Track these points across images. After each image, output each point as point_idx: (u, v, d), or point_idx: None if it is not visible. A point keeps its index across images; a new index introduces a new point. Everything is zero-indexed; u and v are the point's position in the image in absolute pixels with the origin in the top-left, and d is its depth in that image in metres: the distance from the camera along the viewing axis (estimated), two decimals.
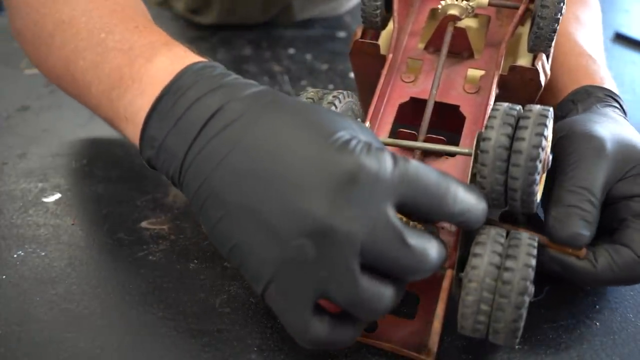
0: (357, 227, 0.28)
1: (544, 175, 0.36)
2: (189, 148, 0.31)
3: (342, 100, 0.38)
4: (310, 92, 0.38)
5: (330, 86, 0.64)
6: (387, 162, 0.29)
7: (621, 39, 0.75)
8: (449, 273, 0.34)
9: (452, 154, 0.39)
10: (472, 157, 0.35)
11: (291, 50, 0.71)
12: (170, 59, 0.34)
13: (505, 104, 0.35)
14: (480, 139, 0.34)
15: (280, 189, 0.28)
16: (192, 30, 0.74)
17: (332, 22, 0.78)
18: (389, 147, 0.40)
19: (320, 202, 0.28)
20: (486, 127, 0.34)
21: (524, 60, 0.42)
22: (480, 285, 0.31)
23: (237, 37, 0.74)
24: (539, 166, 0.33)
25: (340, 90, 0.39)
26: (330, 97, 0.37)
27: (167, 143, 0.32)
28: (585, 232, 0.35)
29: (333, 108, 0.36)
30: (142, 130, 0.33)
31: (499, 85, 0.41)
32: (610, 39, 0.75)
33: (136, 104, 0.34)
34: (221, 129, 0.30)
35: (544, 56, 0.41)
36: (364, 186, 0.28)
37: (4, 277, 0.40)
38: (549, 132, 0.34)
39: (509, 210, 0.35)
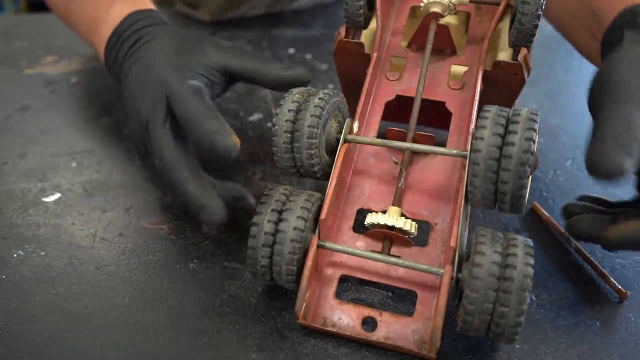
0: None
1: (530, 177, 0.36)
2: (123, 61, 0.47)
3: (330, 101, 0.38)
4: (297, 94, 0.39)
5: (330, 86, 0.64)
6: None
7: None
8: (448, 269, 0.34)
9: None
10: (468, 160, 0.35)
11: (291, 50, 0.71)
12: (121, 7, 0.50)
13: (496, 107, 0.35)
14: (472, 138, 0.34)
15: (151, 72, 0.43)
16: (192, 30, 0.74)
17: (332, 21, 0.78)
18: (384, 148, 0.41)
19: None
20: (478, 127, 0.34)
21: (504, 55, 0.43)
22: (485, 282, 0.31)
23: (237, 37, 0.74)
24: (529, 171, 0.33)
25: (327, 90, 0.39)
26: (317, 100, 0.38)
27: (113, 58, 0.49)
28: (629, 164, 0.33)
29: (320, 110, 0.38)
30: (105, 54, 0.50)
31: (484, 81, 0.41)
32: None
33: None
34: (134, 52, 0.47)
35: (526, 51, 0.41)
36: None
37: (4, 277, 0.40)
38: (537, 136, 0.34)
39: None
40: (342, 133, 0.39)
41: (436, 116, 0.42)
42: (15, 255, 0.41)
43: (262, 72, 0.41)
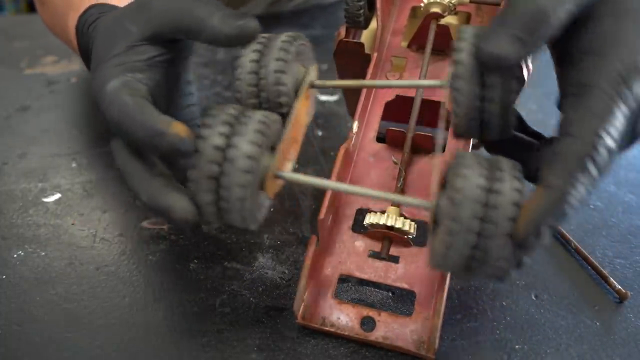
0: None
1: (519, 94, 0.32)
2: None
3: (294, 44, 0.35)
4: (257, 41, 0.34)
5: None
6: None
7: None
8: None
9: (442, 148, 0.39)
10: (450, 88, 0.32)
11: None
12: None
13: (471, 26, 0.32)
14: (454, 61, 0.31)
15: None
16: None
17: (332, 21, 0.78)
18: (384, 149, 0.41)
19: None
20: (457, 50, 0.30)
21: None
22: (467, 210, 0.27)
23: None
24: (519, 85, 0.30)
25: (289, 34, 0.35)
26: (279, 42, 0.34)
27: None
28: (511, 50, 0.28)
29: (283, 54, 0.33)
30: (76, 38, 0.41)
31: None
32: None
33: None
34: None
35: None
36: None
37: (4, 277, 0.40)
38: None
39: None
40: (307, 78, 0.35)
41: (436, 116, 0.42)
42: (15, 255, 0.41)
43: (201, 32, 0.33)
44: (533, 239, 0.27)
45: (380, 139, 0.42)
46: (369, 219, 0.37)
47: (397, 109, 0.43)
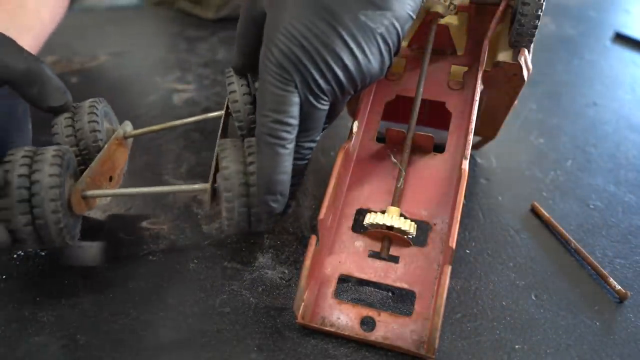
0: None
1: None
2: None
3: (99, 106, 0.42)
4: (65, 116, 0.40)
5: None
6: None
7: (621, 39, 0.75)
8: (445, 269, 0.34)
9: (440, 150, 0.39)
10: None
11: None
12: None
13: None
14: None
15: None
16: (192, 30, 0.75)
17: None
18: (383, 148, 0.41)
19: None
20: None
21: (504, 55, 0.43)
22: (236, 180, 0.35)
23: None
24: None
25: (94, 99, 0.42)
26: (87, 107, 0.41)
27: None
28: (279, 206, 0.36)
29: (94, 117, 0.41)
30: None
31: (483, 81, 0.41)
32: (610, 39, 0.75)
33: None
34: None
35: (526, 51, 0.41)
36: None
37: (4, 277, 0.40)
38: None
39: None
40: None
41: (436, 116, 0.43)
42: (15, 255, 0.41)
43: (24, 94, 0.38)
44: (270, 199, 0.35)
45: (380, 139, 0.42)
46: (369, 219, 0.37)
47: (397, 109, 0.43)
